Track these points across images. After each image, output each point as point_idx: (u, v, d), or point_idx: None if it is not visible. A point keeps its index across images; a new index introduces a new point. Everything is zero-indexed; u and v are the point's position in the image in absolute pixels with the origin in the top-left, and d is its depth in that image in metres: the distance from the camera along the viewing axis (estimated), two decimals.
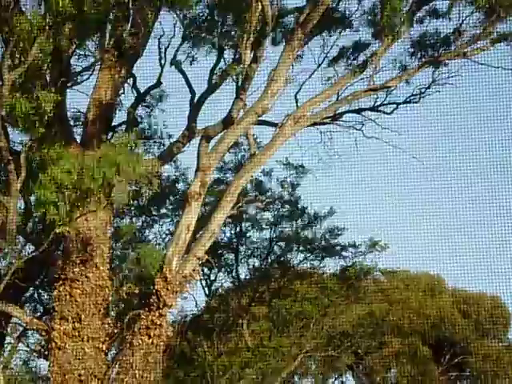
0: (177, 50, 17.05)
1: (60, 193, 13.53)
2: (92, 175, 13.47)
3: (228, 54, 17.02)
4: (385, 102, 18.15)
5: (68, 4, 12.18)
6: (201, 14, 16.84)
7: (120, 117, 17.68)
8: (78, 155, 14.47)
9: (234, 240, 24.74)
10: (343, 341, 24.83)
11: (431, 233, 20.18)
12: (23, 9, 13.85)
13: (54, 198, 13.42)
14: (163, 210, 23.29)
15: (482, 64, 16.62)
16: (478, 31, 16.75)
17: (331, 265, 24.89)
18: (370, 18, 17.27)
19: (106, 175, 13.54)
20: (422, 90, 17.93)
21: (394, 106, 18.27)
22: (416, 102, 18.05)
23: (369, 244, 24.12)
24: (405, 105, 18.27)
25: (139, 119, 18.40)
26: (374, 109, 18.27)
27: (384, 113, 18.39)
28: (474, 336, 27.81)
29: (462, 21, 16.74)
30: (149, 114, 19.24)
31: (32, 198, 15.37)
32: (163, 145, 19.44)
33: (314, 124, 17.79)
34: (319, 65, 17.88)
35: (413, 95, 18.11)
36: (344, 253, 24.43)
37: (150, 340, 15.28)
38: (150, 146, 19.67)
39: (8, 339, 19.85)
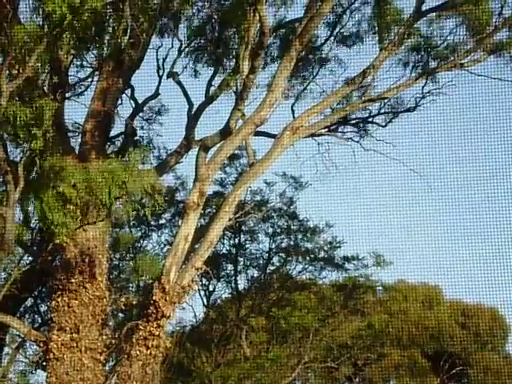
0: (174, 62, 17.13)
1: (65, 209, 13.58)
2: (102, 194, 13.54)
3: (227, 65, 17.13)
4: (381, 112, 18.26)
5: (65, 12, 12.15)
6: (199, 26, 16.93)
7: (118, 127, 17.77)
8: (82, 169, 14.45)
9: (233, 251, 24.72)
10: (342, 352, 24.76)
11: (429, 243, 20.21)
12: (21, 19, 13.92)
13: (61, 217, 13.46)
14: (162, 221, 23.32)
15: (479, 75, 16.71)
16: (473, 44, 16.84)
17: (330, 276, 24.93)
18: (367, 29, 17.41)
19: (114, 194, 13.62)
20: (418, 101, 18.04)
21: (390, 117, 18.38)
22: (412, 112, 18.16)
23: (374, 261, 24.09)
24: (401, 117, 18.39)
25: (137, 130, 18.41)
26: (368, 120, 18.35)
27: (379, 125, 18.49)
28: (473, 348, 27.71)
29: (457, 29, 16.86)
30: (148, 126, 19.30)
31: (32, 209, 15.36)
32: (161, 156, 19.50)
33: (312, 135, 17.83)
34: (315, 75, 17.97)
35: (407, 109, 18.24)
36: (343, 264, 24.45)
37: (148, 351, 15.23)
38: (149, 159, 19.68)
39: (6, 350, 19.86)
